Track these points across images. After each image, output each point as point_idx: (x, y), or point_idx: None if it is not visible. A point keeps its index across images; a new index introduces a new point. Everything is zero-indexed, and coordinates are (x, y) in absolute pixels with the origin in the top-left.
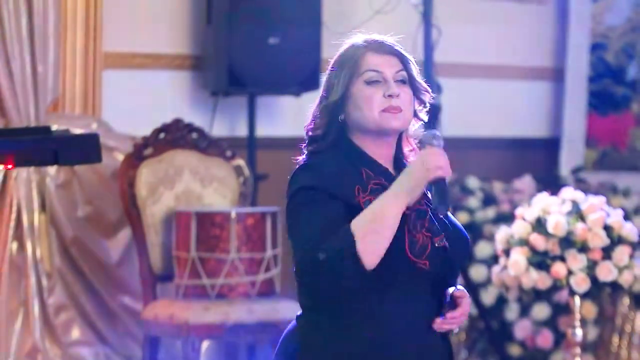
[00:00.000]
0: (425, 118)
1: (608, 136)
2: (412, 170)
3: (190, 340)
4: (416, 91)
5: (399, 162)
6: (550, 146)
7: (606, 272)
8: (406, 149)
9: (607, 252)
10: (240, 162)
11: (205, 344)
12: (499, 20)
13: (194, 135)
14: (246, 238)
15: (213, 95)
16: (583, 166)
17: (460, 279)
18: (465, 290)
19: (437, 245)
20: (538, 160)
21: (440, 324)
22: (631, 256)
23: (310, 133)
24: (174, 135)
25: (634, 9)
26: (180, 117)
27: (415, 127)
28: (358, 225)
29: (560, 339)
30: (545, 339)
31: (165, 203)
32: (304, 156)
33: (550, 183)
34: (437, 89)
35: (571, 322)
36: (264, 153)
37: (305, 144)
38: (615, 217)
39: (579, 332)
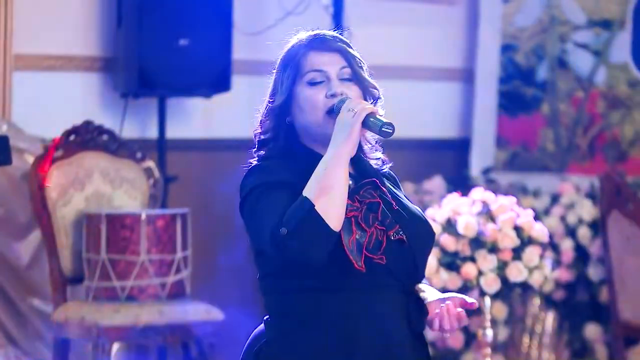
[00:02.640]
0: (383, 113)
1: (518, 137)
2: (341, 124)
3: (100, 342)
4: (364, 88)
5: (361, 162)
6: (460, 147)
7: (516, 273)
8: (366, 147)
9: (517, 253)
10: (150, 164)
11: (115, 346)
12: (409, 21)
13: (104, 137)
14: (156, 240)
15: (123, 97)
16: (493, 167)
17: None
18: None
19: (392, 238)
20: (448, 161)
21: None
22: (541, 256)
23: (258, 137)
24: (84, 137)
25: (544, 10)
26: (90, 119)
27: None
28: (309, 190)
29: (470, 339)
30: (455, 339)
31: (75, 205)
32: (254, 160)
33: (461, 184)
34: None
35: (482, 322)
36: (174, 155)
37: (255, 149)
38: (526, 218)
39: (489, 332)
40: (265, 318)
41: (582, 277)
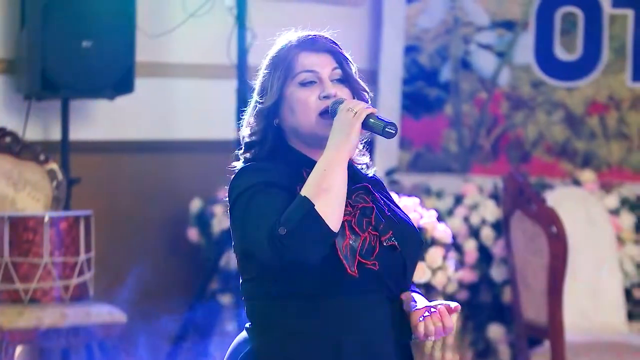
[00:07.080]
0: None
1: (422, 138)
2: (341, 123)
3: (3, 345)
4: (354, 90)
5: (350, 167)
6: (364, 148)
7: (420, 274)
8: (355, 151)
9: None
10: (53, 166)
11: (18, 349)
12: (313, 22)
13: (7, 139)
14: (59, 242)
15: (26, 99)
16: (397, 168)
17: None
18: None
19: (385, 244)
20: None
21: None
22: (444, 257)
23: (246, 139)
24: None
25: (448, 12)
26: None
27: None
28: (308, 190)
29: None
30: None
31: None
32: (240, 162)
33: None
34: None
35: None
36: (77, 157)
37: (241, 151)
38: (429, 219)
39: None
40: (247, 325)
41: (485, 278)
